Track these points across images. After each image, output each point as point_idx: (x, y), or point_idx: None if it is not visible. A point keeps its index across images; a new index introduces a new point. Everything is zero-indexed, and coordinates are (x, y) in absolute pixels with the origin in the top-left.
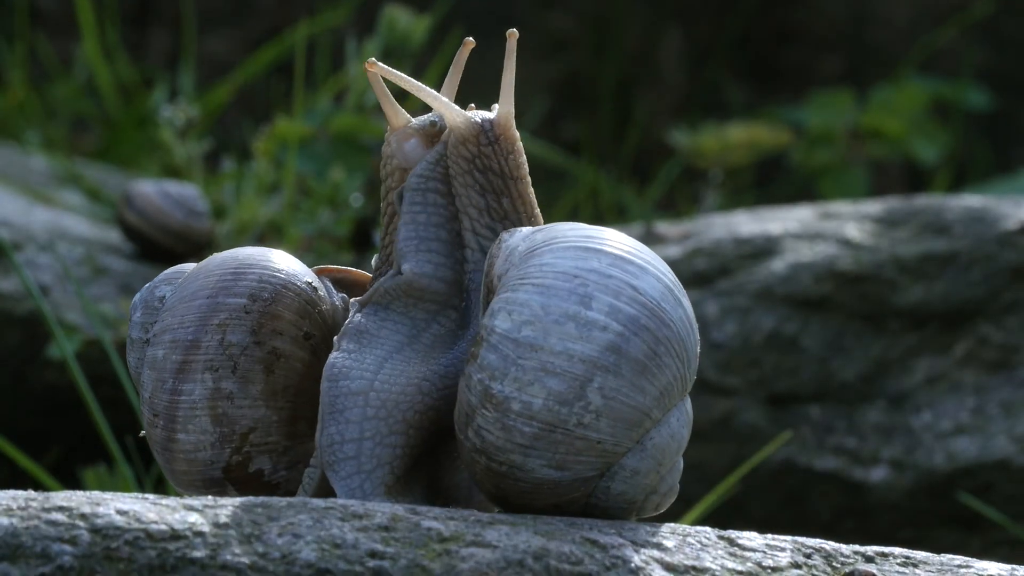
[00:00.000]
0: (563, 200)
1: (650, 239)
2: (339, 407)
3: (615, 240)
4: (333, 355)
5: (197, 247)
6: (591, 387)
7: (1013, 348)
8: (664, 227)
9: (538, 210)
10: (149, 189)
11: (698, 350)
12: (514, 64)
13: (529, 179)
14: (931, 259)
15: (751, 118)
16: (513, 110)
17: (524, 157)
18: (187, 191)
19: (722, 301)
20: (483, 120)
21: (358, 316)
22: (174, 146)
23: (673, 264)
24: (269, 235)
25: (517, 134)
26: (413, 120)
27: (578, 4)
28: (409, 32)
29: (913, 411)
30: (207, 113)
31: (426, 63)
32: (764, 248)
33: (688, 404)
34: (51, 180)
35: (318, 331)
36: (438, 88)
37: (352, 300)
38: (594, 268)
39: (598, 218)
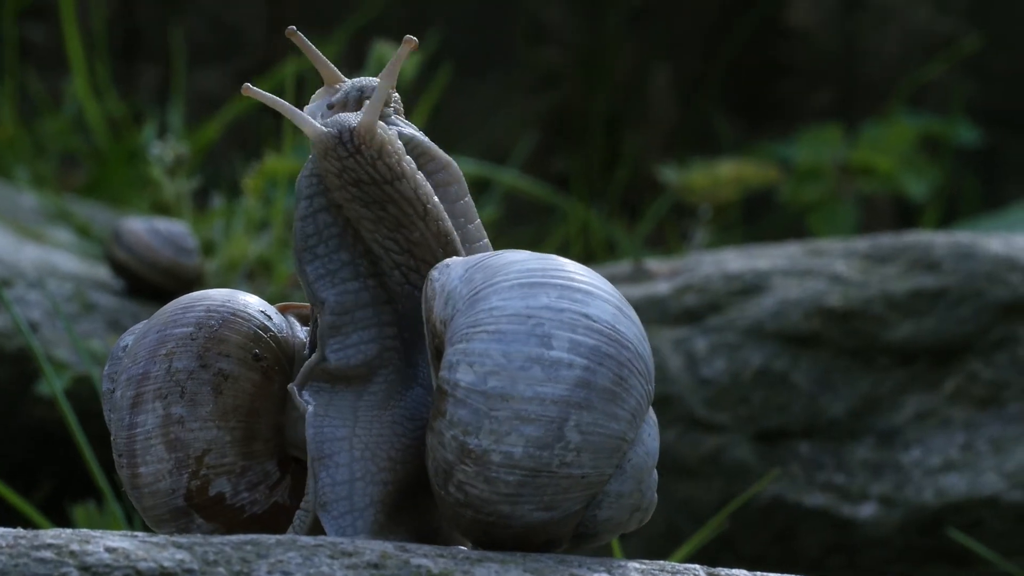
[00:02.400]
0: (553, 236)
1: (639, 276)
2: (327, 452)
3: (554, 269)
4: (310, 408)
5: (186, 284)
6: (568, 426)
7: (1003, 384)
8: (653, 263)
9: (434, 200)
10: (138, 226)
11: (653, 360)
12: (396, 73)
13: (410, 172)
14: (920, 295)
15: (741, 154)
16: (376, 118)
17: (396, 156)
18: (176, 228)
19: (711, 337)
20: (341, 130)
21: (306, 397)
22: (163, 183)
23: (662, 300)
24: (258, 272)
25: (383, 137)
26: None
27: (568, 38)
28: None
29: (902, 447)
30: (196, 149)
31: (415, 98)
32: (753, 284)
33: (652, 414)
34: (40, 216)
35: (270, 354)
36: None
37: (290, 386)
38: (544, 304)
39: (588, 254)
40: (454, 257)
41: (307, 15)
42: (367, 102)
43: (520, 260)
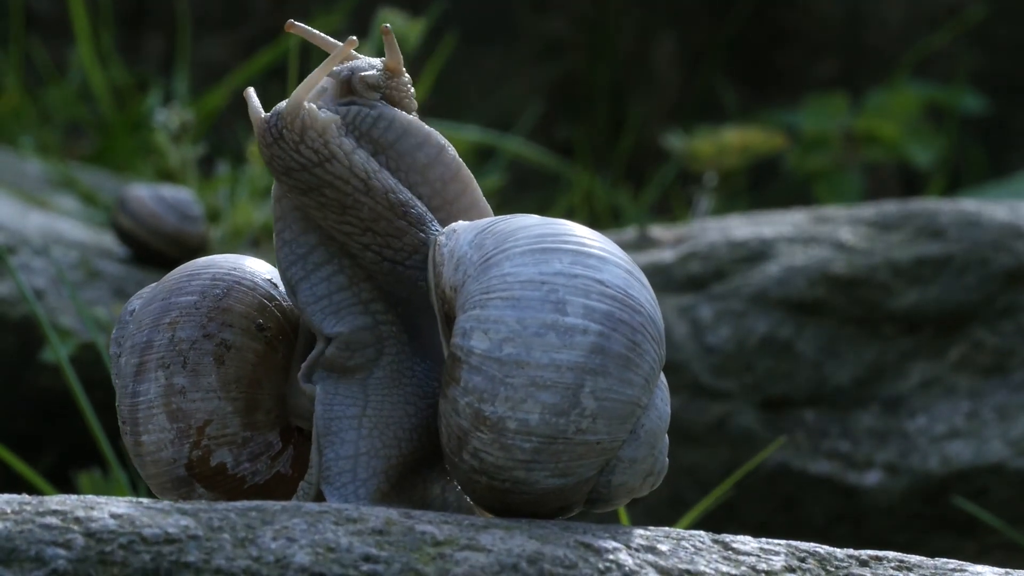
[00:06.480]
0: (558, 203)
1: (644, 243)
2: (334, 429)
3: (565, 234)
4: (320, 385)
5: (191, 251)
6: (583, 392)
7: (1008, 352)
8: (658, 231)
9: (379, 175)
10: (143, 193)
11: (663, 324)
12: (332, 65)
13: (340, 152)
14: (925, 263)
15: (746, 121)
16: (301, 101)
17: (322, 139)
18: (181, 195)
19: (716, 305)
20: (269, 116)
21: (315, 378)
22: (168, 150)
23: (667, 268)
24: (263, 239)
25: (308, 121)
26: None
27: (572, 7)
28: (403, 36)
29: (907, 415)
30: (201, 117)
31: (420, 67)
32: (758, 252)
33: (663, 378)
34: (45, 184)
35: (274, 323)
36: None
37: (299, 375)
38: (558, 270)
39: (592, 222)
40: (460, 222)
41: None
42: (301, 83)
43: (530, 225)
